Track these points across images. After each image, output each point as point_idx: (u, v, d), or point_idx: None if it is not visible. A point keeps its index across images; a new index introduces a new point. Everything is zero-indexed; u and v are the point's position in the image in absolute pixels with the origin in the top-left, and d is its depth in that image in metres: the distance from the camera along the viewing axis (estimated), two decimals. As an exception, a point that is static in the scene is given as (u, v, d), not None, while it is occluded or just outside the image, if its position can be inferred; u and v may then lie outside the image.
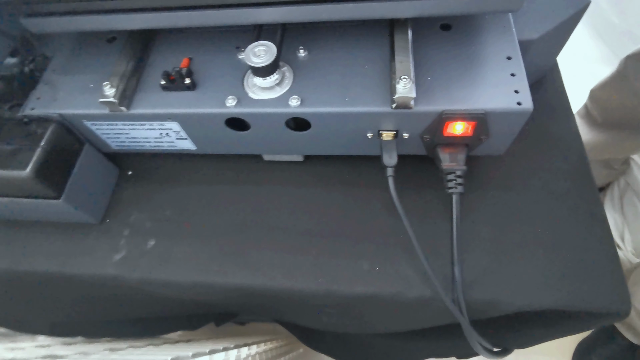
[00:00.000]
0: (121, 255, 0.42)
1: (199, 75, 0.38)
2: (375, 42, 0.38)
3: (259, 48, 0.34)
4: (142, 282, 0.41)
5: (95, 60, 0.41)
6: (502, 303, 0.36)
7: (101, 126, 0.40)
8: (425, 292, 0.37)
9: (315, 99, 0.35)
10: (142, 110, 0.38)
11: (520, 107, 0.33)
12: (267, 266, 0.40)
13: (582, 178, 0.42)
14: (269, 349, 0.67)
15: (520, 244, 0.39)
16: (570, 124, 0.46)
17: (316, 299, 0.39)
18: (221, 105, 0.36)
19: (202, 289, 0.41)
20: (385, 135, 0.37)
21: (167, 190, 0.45)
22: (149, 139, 0.41)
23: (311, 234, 0.41)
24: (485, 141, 0.37)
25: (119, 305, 0.49)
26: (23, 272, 0.42)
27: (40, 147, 0.37)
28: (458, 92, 0.34)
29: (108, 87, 0.36)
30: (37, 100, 0.40)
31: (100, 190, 0.44)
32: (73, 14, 0.36)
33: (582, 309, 0.36)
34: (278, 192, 0.44)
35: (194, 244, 0.42)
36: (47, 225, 0.44)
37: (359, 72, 0.36)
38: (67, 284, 0.43)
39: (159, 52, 0.41)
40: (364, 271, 0.39)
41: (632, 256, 0.88)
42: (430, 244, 0.38)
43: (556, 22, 0.40)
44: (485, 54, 0.36)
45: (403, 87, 0.33)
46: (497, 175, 0.43)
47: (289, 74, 0.37)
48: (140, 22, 0.36)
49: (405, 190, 0.39)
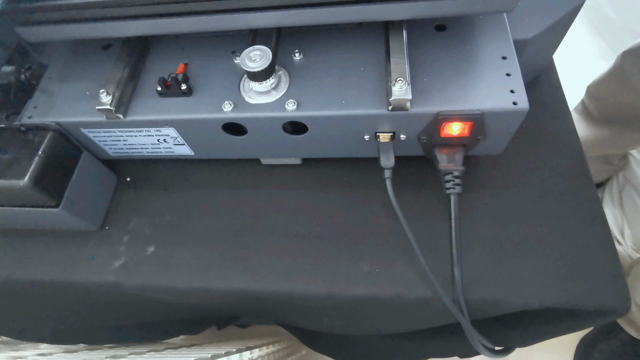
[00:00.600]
0: (121, 261, 0.42)
1: (195, 80, 0.39)
2: (370, 44, 0.38)
3: (254, 53, 0.34)
4: (142, 288, 0.41)
5: (91, 68, 0.41)
6: (502, 302, 0.37)
7: (98, 133, 0.40)
8: (425, 293, 0.37)
9: (311, 103, 0.35)
10: (139, 117, 0.38)
11: (516, 106, 0.33)
12: (267, 270, 0.40)
13: (580, 175, 0.42)
14: (271, 352, 0.67)
15: (519, 243, 0.39)
16: (567, 122, 0.46)
17: (317, 301, 0.39)
18: (218, 111, 0.36)
19: (203, 293, 0.41)
20: (382, 137, 0.37)
21: (165, 196, 0.45)
22: (146, 145, 0.42)
23: (311, 237, 0.41)
24: (482, 141, 0.37)
25: (120, 311, 0.49)
26: (23, 280, 0.42)
27: (38, 156, 0.37)
28: (454, 93, 0.34)
29: (104, 94, 0.37)
30: (34, 109, 0.40)
31: (99, 198, 0.44)
32: (68, 22, 0.36)
33: (583, 306, 0.36)
34: (277, 195, 0.44)
35: (193, 249, 0.42)
36: (47, 233, 0.44)
37: (355, 74, 0.36)
38: (67, 291, 0.43)
39: (154, 58, 0.41)
40: (364, 273, 0.39)
41: (632, 251, 0.88)
42: (429, 244, 0.39)
43: (551, 20, 0.40)
44: (481, 54, 0.36)
45: (399, 89, 0.33)
46: (495, 174, 0.43)
47: (285, 77, 0.37)
48: (135, 29, 0.36)
49: (403, 191, 0.39)
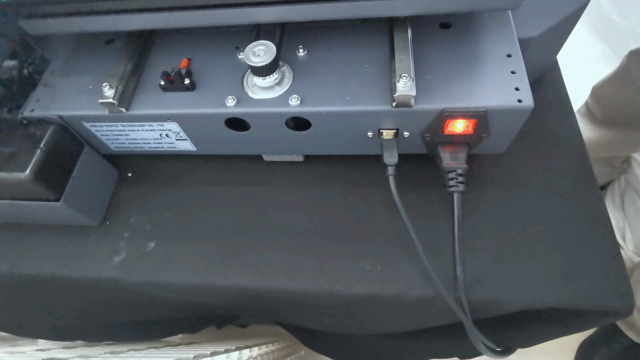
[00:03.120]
0: (121, 257, 0.42)
1: (199, 75, 0.38)
2: (374, 40, 0.38)
3: (258, 48, 0.34)
4: (142, 285, 0.41)
5: (94, 62, 0.41)
6: (504, 302, 0.36)
7: (100, 127, 0.40)
8: (427, 292, 0.37)
9: (315, 98, 0.35)
10: (142, 111, 0.38)
11: (521, 104, 0.33)
12: (268, 267, 0.40)
13: (584, 176, 0.41)
14: (270, 351, 0.67)
15: (522, 243, 0.38)
16: (571, 122, 0.45)
17: (318, 299, 0.39)
18: (221, 106, 0.36)
19: (203, 290, 0.40)
20: (386, 134, 0.37)
21: (167, 192, 0.45)
22: (148, 140, 0.41)
23: (312, 234, 0.41)
24: (486, 139, 0.36)
25: (119, 308, 0.49)
26: (23, 275, 0.42)
27: (40, 149, 0.37)
28: (458, 90, 0.34)
29: (107, 88, 0.36)
30: (36, 102, 0.40)
31: (100, 192, 0.44)
32: (71, 15, 0.36)
33: (585, 307, 0.35)
34: (278, 192, 0.44)
35: (194, 245, 0.42)
36: (47, 228, 0.44)
37: (359, 71, 0.36)
38: (67, 287, 0.43)
39: (158, 52, 0.41)
40: (365, 271, 0.39)
41: (633, 255, 0.88)
42: (431, 243, 0.38)
43: (556, 19, 0.40)
44: (485, 52, 0.36)
45: (403, 86, 0.33)
46: (498, 173, 0.42)
47: (288, 73, 0.37)
48: (138, 23, 0.36)
49: (406, 189, 0.39)
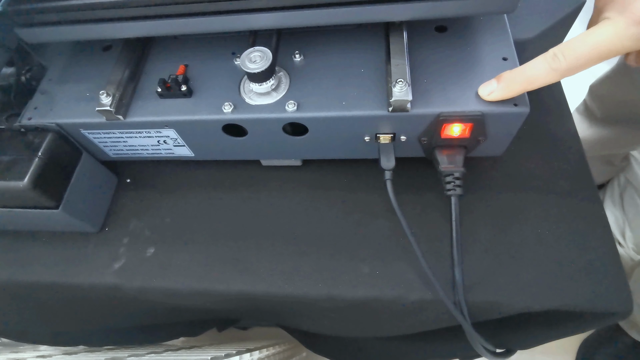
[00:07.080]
0: (121, 263, 0.42)
1: (195, 82, 0.38)
2: (370, 45, 0.38)
3: (254, 54, 0.34)
4: (142, 291, 0.41)
5: (91, 69, 0.41)
6: (503, 304, 0.36)
7: (98, 135, 0.40)
8: (426, 295, 0.37)
9: (311, 104, 0.35)
10: (139, 118, 0.38)
11: (517, 108, 0.33)
12: (267, 272, 0.40)
13: (582, 177, 0.42)
14: (272, 354, 0.67)
15: (520, 245, 0.39)
16: (568, 124, 0.45)
17: (317, 303, 0.39)
18: (218, 112, 0.36)
19: (203, 296, 0.40)
20: (383, 138, 0.37)
21: (166, 198, 0.45)
22: (146, 146, 0.41)
23: (311, 238, 0.41)
24: (483, 143, 0.37)
25: (119, 313, 0.49)
26: (23, 282, 0.42)
27: (38, 157, 0.37)
28: (455, 94, 0.34)
29: (104, 95, 0.36)
30: (34, 110, 0.40)
31: (99, 199, 0.44)
32: (68, 23, 0.36)
33: (584, 308, 0.36)
34: (277, 197, 0.44)
35: (193, 251, 0.42)
36: (46, 235, 0.44)
37: (355, 75, 0.36)
38: (67, 293, 0.43)
39: (154, 59, 0.41)
40: (364, 275, 0.39)
41: (633, 253, 0.88)
42: (430, 246, 0.38)
43: (552, 21, 0.40)
44: (481, 56, 0.36)
45: (399, 90, 0.33)
46: (496, 176, 0.42)
47: (285, 79, 0.37)
48: (135, 30, 0.36)
49: (404, 192, 0.39)
